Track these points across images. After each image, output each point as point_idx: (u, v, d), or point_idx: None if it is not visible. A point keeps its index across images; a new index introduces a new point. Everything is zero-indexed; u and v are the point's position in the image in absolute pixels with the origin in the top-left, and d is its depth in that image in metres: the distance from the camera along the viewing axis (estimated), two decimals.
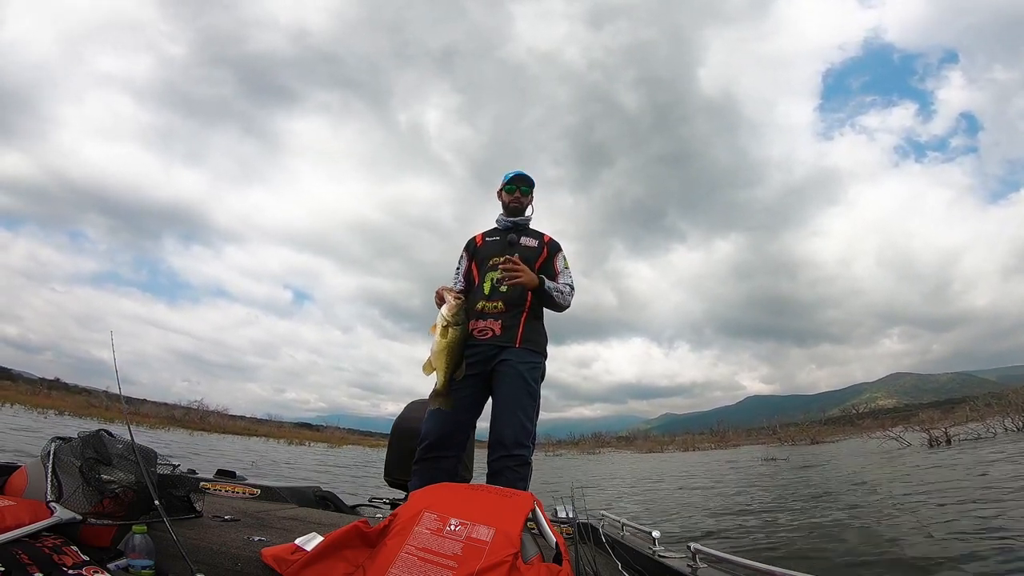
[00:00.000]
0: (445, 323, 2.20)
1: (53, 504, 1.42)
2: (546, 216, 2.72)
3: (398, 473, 2.89)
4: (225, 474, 3.18)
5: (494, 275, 2.44)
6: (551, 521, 1.61)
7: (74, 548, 1.31)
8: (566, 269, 2.55)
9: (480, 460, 2.46)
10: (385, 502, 3.24)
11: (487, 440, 2.28)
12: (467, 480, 2.62)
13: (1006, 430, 14.29)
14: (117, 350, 1.82)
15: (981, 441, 13.01)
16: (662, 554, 1.92)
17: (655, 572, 1.84)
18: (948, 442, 13.30)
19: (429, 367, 2.24)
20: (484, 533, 1.34)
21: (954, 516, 4.52)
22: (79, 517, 1.42)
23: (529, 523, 1.49)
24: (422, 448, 2.28)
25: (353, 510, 3.20)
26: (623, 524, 2.51)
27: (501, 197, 2.62)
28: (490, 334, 2.34)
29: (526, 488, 2.10)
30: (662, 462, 22.67)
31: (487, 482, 2.15)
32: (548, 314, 2.54)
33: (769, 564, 1.48)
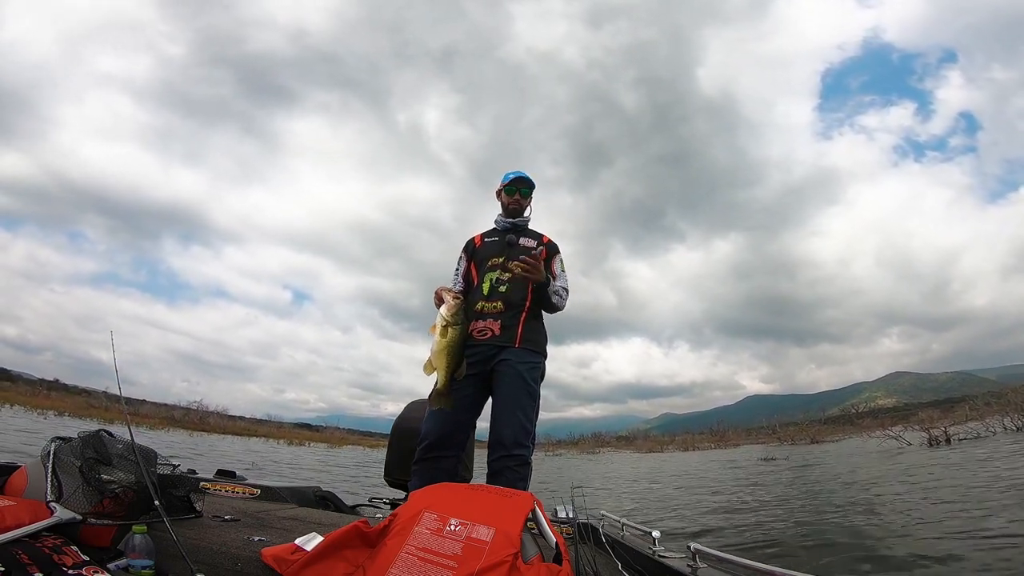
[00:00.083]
0: (444, 323, 2.21)
1: (53, 504, 1.42)
2: (545, 216, 2.72)
3: (398, 473, 2.90)
4: (225, 474, 3.18)
5: (493, 275, 2.45)
6: (551, 521, 1.61)
7: (74, 548, 1.31)
8: (563, 272, 2.55)
9: (480, 460, 2.46)
10: (385, 502, 3.24)
11: (487, 440, 2.29)
12: (467, 480, 2.62)
13: (1005, 429, 14.30)
14: (117, 351, 1.82)
15: (980, 440, 13.03)
16: (662, 554, 1.92)
17: (655, 572, 1.83)
18: (948, 441, 13.31)
19: (430, 367, 2.24)
20: (484, 533, 1.35)
21: (952, 515, 4.53)
22: (79, 517, 1.42)
23: (529, 523, 1.49)
24: (422, 448, 2.29)
25: (353, 510, 3.20)
26: (623, 524, 2.51)
27: (500, 198, 2.62)
28: (489, 334, 2.35)
29: (526, 488, 2.10)
30: (662, 462, 22.68)
31: (487, 482, 2.16)
32: (547, 314, 2.55)
33: (769, 564, 1.48)
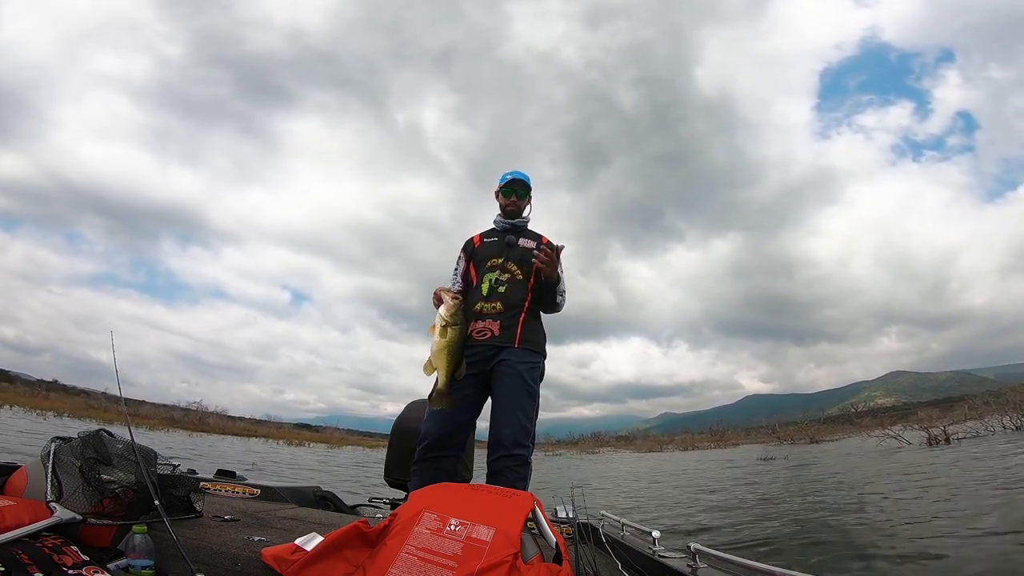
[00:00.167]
0: (444, 323, 2.21)
1: (53, 504, 1.42)
2: (544, 216, 2.71)
3: (398, 473, 2.89)
4: (225, 474, 3.17)
5: (492, 276, 2.45)
6: (551, 521, 1.61)
7: (74, 548, 1.31)
8: (562, 273, 2.55)
9: (480, 460, 2.46)
10: (385, 502, 3.24)
11: (487, 440, 2.29)
12: (467, 480, 2.62)
13: (1004, 428, 14.31)
14: (116, 351, 1.82)
15: (979, 439, 13.03)
16: (662, 554, 1.92)
17: (655, 572, 1.83)
18: (947, 440, 13.32)
19: (430, 367, 2.25)
20: (484, 533, 1.35)
21: (943, 514, 4.55)
22: (79, 517, 1.42)
23: (529, 523, 1.49)
24: (422, 448, 2.29)
25: (353, 510, 3.20)
26: (623, 524, 2.51)
27: (498, 199, 2.62)
28: (489, 334, 2.35)
29: (526, 488, 2.10)
30: (661, 462, 22.69)
31: (487, 482, 2.16)
32: (546, 315, 2.55)
33: (769, 564, 1.48)
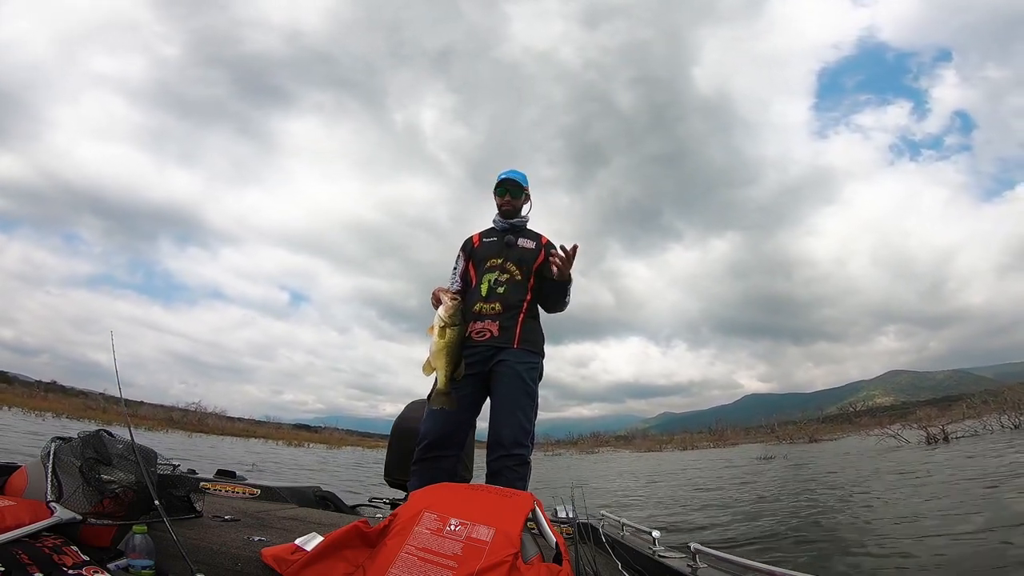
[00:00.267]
0: (442, 324, 2.21)
1: (53, 504, 1.42)
2: (542, 216, 2.71)
3: (398, 473, 2.89)
4: (225, 474, 3.18)
5: (492, 276, 2.45)
6: (551, 521, 1.61)
7: (74, 548, 1.31)
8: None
9: (480, 460, 2.46)
10: (385, 502, 3.24)
11: (486, 440, 2.29)
12: (467, 480, 2.63)
13: (1003, 427, 14.32)
14: (115, 352, 1.81)
15: (977, 438, 13.05)
16: (662, 554, 1.93)
17: (655, 572, 1.84)
18: (946, 439, 13.33)
19: (429, 367, 2.25)
20: (484, 533, 1.35)
21: (933, 513, 4.56)
22: (79, 517, 1.42)
23: (529, 523, 1.49)
24: (421, 448, 2.29)
25: (353, 510, 3.20)
26: (623, 524, 2.51)
27: (495, 199, 2.62)
28: (488, 335, 2.35)
29: (525, 488, 2.10)
30: (660, 461, 22.71)
31: (486, 482, 2.16)
32: (546, 315, 2.55)
33: (769, 564, 1.48)
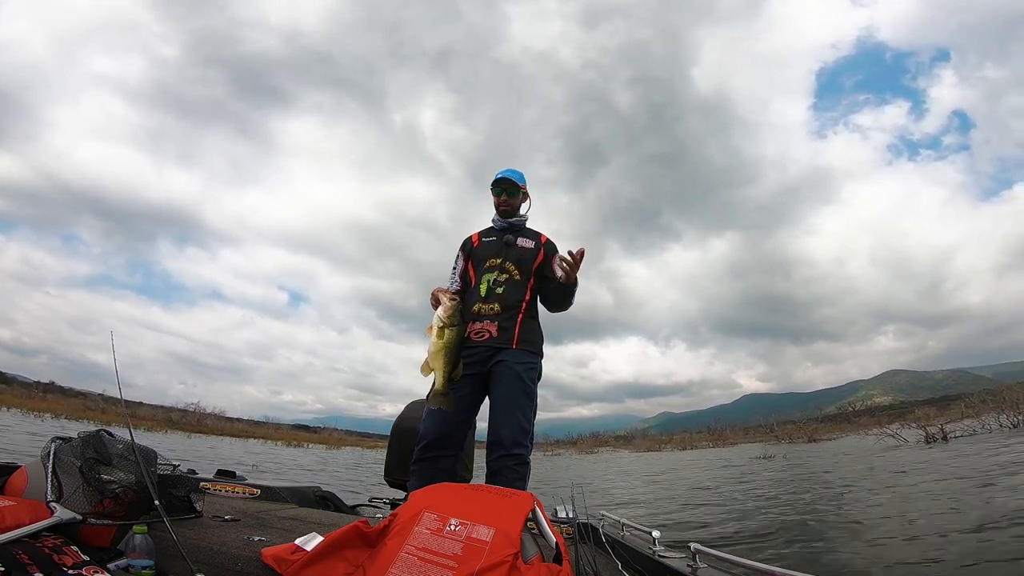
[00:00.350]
0: (441, 324, 2.20)
1: (53, 504, 1.42)
2: (542, 216, 2.71)
3: (398, 473, 2.90)
4: (225, 474, 3.18)
5: (491, 276, 2.45)
6: (551, 521, 1.61)
7: (74, 548, 1.31)
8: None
9: (480, 460, 2.46)
10: (385, 502, 3.24)
11: (486, 440, 2.29)
12: (466, 480, 2.63)
13: (1001, 427, 14.34)
14: (115, 352, 1.81)
15: (976, 437, 13.06)
16: (662, 554, 1.93)
17: (655, 572, 1.84)
18: (945, 439, 13.34)
19: (427, 368, 2.24)
20: (484, 533, 1.35)
21: (925, 512, 4.57)
22: (79, 517, 1.42)
23: (529, 523, 1.49)
24: (420, 448, 2.29)
25: (353, 510, 3.20)
26: (623, 524, 2.51)
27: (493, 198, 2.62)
28: (487, 336, 2.35)
29: (525, 487, 2.10)
30: (660, 461, 22.73)
31: (486, 482, 2.16)
32: (545, 314, 2.55)
33: (769, 564, 1.48)
